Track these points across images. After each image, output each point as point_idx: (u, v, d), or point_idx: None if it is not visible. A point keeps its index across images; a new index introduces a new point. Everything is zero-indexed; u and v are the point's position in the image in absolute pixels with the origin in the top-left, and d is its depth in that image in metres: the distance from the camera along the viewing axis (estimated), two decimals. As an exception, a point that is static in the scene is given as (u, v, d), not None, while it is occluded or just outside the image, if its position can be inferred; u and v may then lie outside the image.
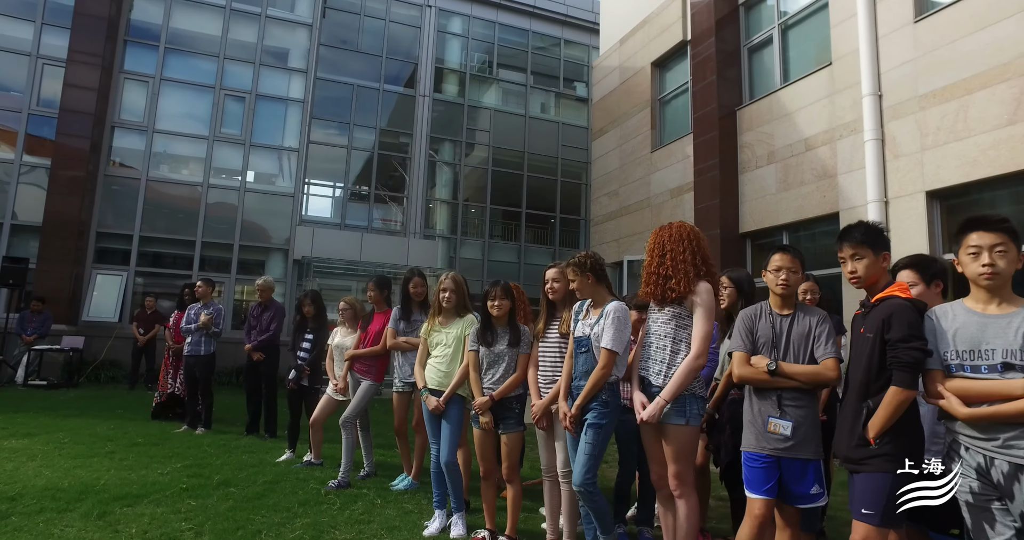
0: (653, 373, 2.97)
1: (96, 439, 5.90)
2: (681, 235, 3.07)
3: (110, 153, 12.28)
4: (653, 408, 2.86)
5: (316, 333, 5.51)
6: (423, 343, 4.04)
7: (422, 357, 4.03)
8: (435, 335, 3.96)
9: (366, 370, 4.88)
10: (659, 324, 3.01)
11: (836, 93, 8.17)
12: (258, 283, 6.59)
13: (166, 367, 7.33)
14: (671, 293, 2.96)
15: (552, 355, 3.51)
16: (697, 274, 2.98)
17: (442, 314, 3.96)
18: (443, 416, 3.79)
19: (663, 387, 2.90)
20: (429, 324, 4.01)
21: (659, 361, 2.97)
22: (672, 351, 2.95)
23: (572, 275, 3.26)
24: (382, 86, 15.78)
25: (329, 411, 5.17)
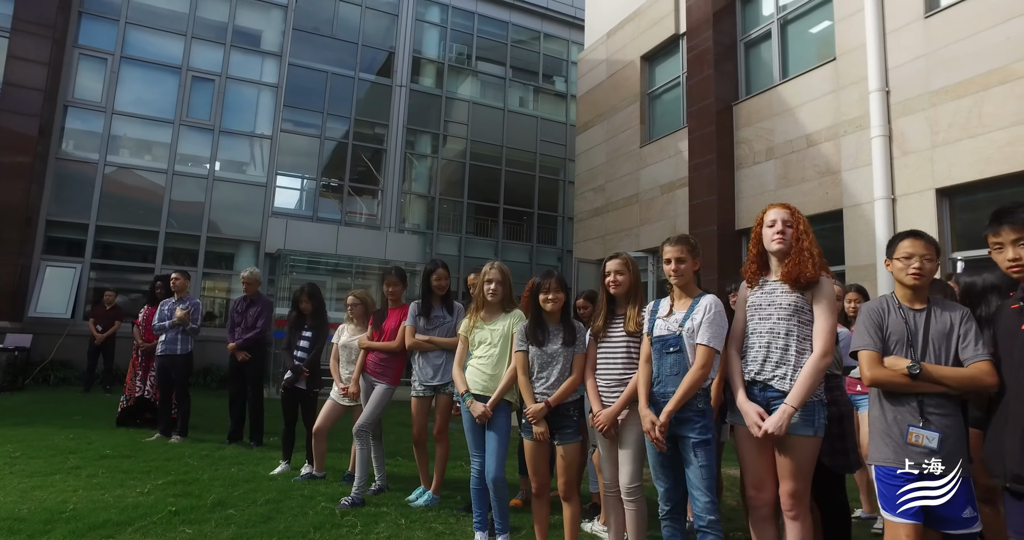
0: (775, 376, 2.54)
1: (54, 452, 5.11)
2: (804, 218, 2.71)
3: (63, 134, 11.15)
4: (780, 417, 2.43)
5: (315, 331, 4.89)
6: (463, 341, 3.51)
7: (461, 358, 3.50)
8: (478, 333, 3.44)
9: (381, 372, 4.31)
10: (775, 320, 2.59)
11: (840, 89, 7.99)
12: (243, 275, 5.89)
13: (133, 368, 6.53)
14: (805, 276, 2.55)
15: (616, 356, 3.04)
16: (822, 264, 2.61)
17: (485, 309, 3.45)
18: (488, 425, 3.28)
19: (784, 392, 2.49)
20: (471, 320, 3.49)
21: (777, 361, 2.54)
22: (797, 350, 2.53)
23: (682, 253, 2.80)
24: (357, 74, 15.02)
25: (335, 418, 4.58)
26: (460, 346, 3.52)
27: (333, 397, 4.59)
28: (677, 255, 2.81)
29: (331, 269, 12.61)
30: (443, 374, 4.16)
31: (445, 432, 4.21)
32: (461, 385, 3.39)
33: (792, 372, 2.52)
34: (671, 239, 2.90)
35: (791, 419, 2.44)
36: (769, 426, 2.44)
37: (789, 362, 2.54)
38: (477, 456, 3.35)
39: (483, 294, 3.43)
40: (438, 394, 4.19)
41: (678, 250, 2.82)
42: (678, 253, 2.82)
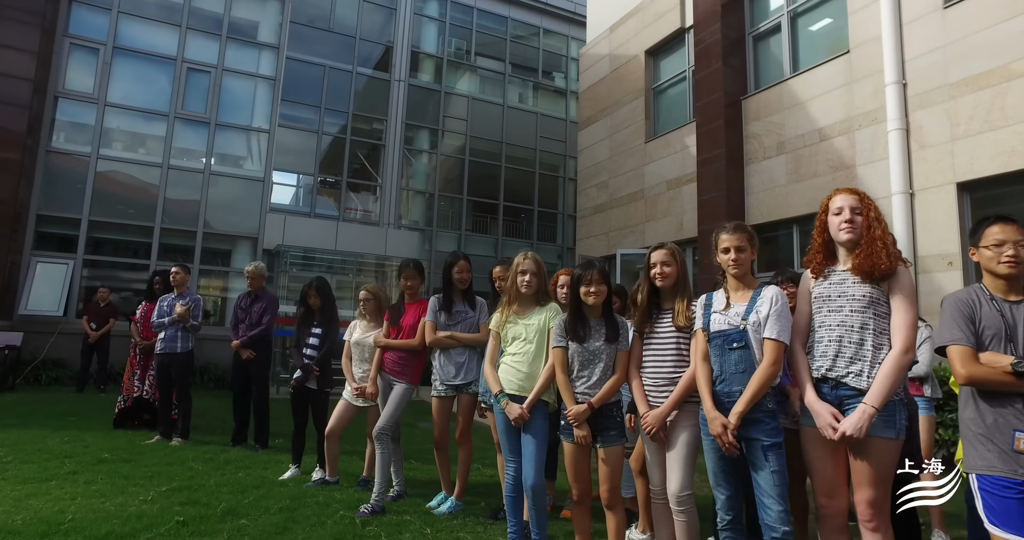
0: (849, 373, 2.32)
1: (49, 456, 4.81)
2: (875, 204, 2.48)
3: (53, 127, 10.76)
4: (860, 418, 2.20)
5: (324, 327, 4.62)
6: (494, 338, 3.27)
7: (493, 355, 3.25)
8: (511, 328, 3.19)
9: (400, 371, 4.05)
10: (847, 312, 2.37)
11: (854, 82, 7.81)
12: (248, 269, 5.61)
13: (131, 367, 6.22)
14: (880, 268, 2.33)
15: (665, 354, 2.81)
16: (896, 254, 2.38)
17: (518, 302, 3.20)
18: (524, 427, 3.04)
19: (860, 390, 2.27)
20: (502, 314, 3.24)
21: (851, 357, 2.32)
22: (874, 345, 2.31)
23: (741, 241, 2.58)
24: (355, 68, 14.69)
25: (348, 420, 4.31)
26: (491, 342, 3.27)
27: (346, 397, 4.33)
28: (737, 243, 2.59)
29: (331, 265, 12.30)
30: (466, 372, 3.92)
31: (468, 434, 3.96)
32: (495, 385, 3.14)
33: (869, 369, 2.30)
34: (727, 227, 2.67)
35: (871, 420, 2.22)
36: (847, 428, 2.22)
37: (865, 358, 2.32)
38: (512, 461, 3.11)
39: (516, 286, 3.18)
40: (460, 393, 3.94)
41: (737, 238, 2.59)
42: (737, 241, 2.59)
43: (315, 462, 4.58)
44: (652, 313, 2.88)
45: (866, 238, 2.43)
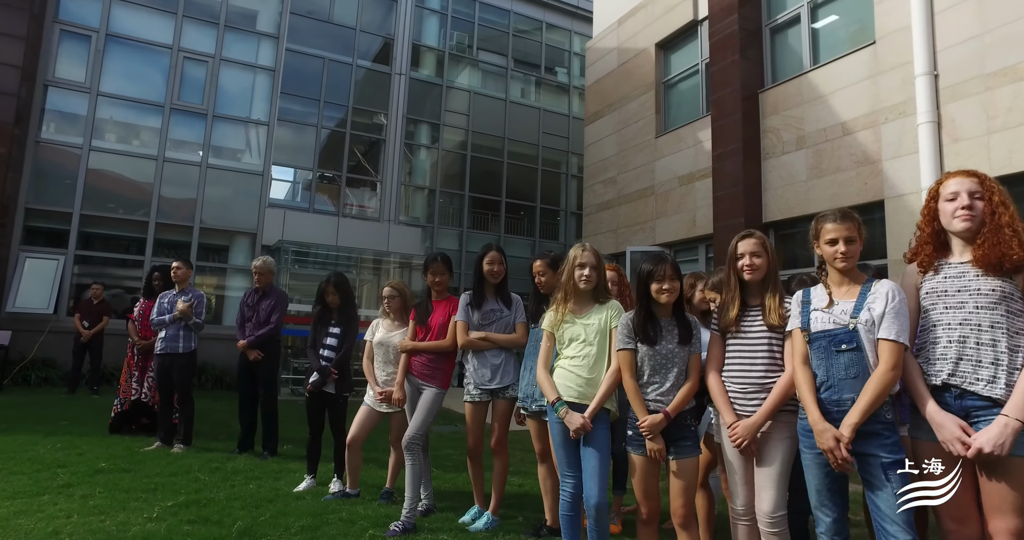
0: (979, 379, 1.99)
1: (40, 465, 4.40)
2: (1000, 187, 2.15)
3: (43, 117, 10.26)
4: (1001, 433, 1.87)
5: (343, 327, 4.24)
6: (547, 339, 2.92)
7: (547, 358, 2.90)
8: (568, 328, 2.84)
9: (429, 374, 3.69)
10: (970, 309, 2.04)
11: (880, 74, 7.51)
12: (256, 264, 5.21)
13: (129, 368, 5.81)
14: (1012, 259, 2.00)
15: (756, 356, 2.47)
16: None
17: (575, 299, 2.85)
18: (585, 439, 2.69)
19: (993, 399, 1.94)
20: (557, 313, 2.89)
21: (980, 361, 2.00)
22: (1009, 347, 1.98)
23: (851, 232, 2.24)
24: (355, 61, 14.27)
25: (371, 427, 3.95)
26: (545, 344, 2.92)
27: (368, 403, 3.96)
28: (847, 234, 2.25)
29: (333, 262, 11.89)
30: (502, 376, 3.57)
31: (504, 443, 3.61)
32: (551, 392, 2.79)
33: (1006, 375, 1.98)
34: (832, 215, 2.33)
35: (1016, 435, 1.89)
36: (985, 444, 1.89)
37: (1000, 362, 1.99)
38: (571, 476, 2.76)
39: (574, 281, 2.83)
40: (496, 399, 3.59)
41: (846, 228, 2.26)
42: (847, 231, 2.25)
43: (331, 472, 4.21)
44: (742, 309, 2.55)
45: (990, 226, 2.10)
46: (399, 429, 3.93)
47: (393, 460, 3.96)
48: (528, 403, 3.34)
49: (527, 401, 3.36)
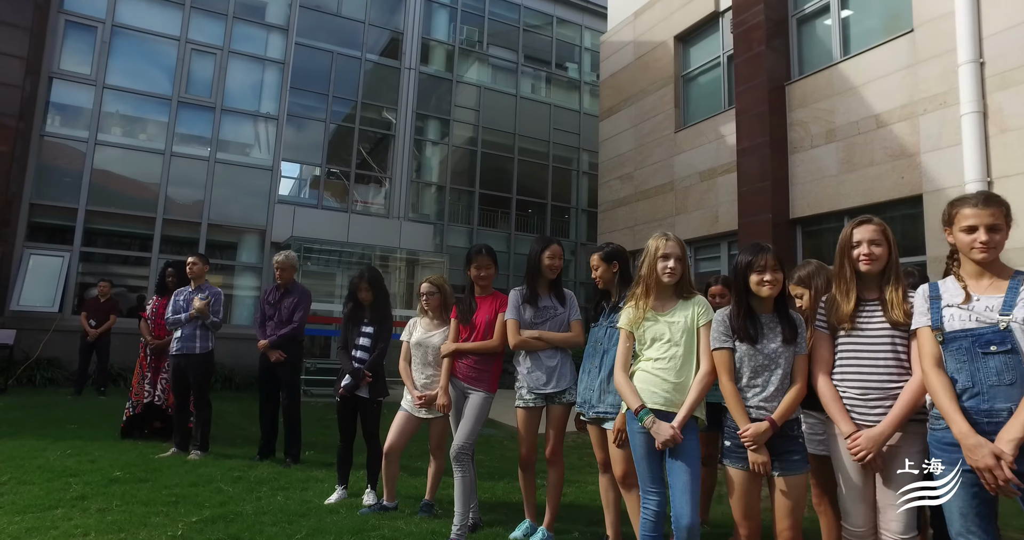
0: None
1: (51, 474, 4.08)
2: None
3: (47, 109, 9.92)
4: None
5: (377, 326, 3.92)
6: (626, 339, 2.60)
7: (627, 360, 2.58)
8: (650, 326, 2.52)
9: (476, 377, 3.37)
10: None
11: (919, 63, 7.20)
12: (278, 259, 4.88)
13: (141, 370, 5.48)
14: None
15: (878, 357, 2.16)
16: None
17: (656, 294, 2.53)
18: (675, 452, 2.37)
19: None
20: (636, 310, 2.57)
21: None
22: None
23: (996, 218, 1.93)
24: (364, 55, 13.92)
25: (409, 434, 3.63)
26: (623, 344, 2.60)
27: (405, 408, 3.64)
28: (989, 221, 1.94)
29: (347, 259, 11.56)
30: (558, 379, 3.25)
31: (560, 453, 3.30)
32: (633, 399, 2.47)
33: None
34: (973, 198, 2.02)
35: None
36: None
37: None
38: (655, 492, 2.44)
39: (656, 274, 2.51)
40: (551, 404, 3.27)
41: (989, 214, 1.95)
42: (990, 218, 1.94)
43: (362, 482, 3.89)
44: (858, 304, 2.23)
45: None
46: (440, 437, 3.62)
47: (433, 470, 3.65)
48: (585, 409, 3.03)
49: (584, 407, 3.05)
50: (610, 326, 3.04)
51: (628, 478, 2.89)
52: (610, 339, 3.01)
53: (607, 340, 3.03)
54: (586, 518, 3.57)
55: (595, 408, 2.96)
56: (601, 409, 2.93)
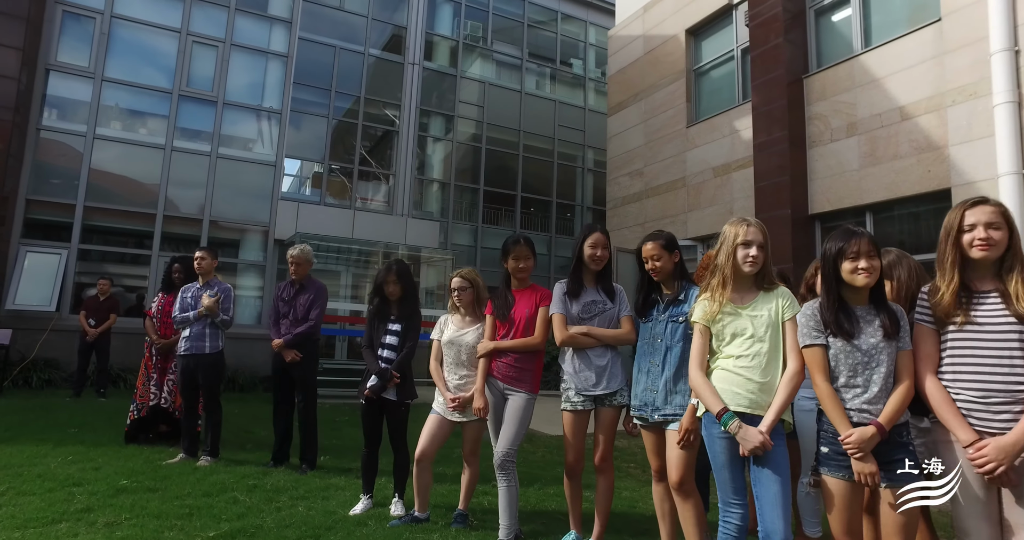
0: None
1: (53, 483, 3.77)
2: None
3: (44, 102, 9.58)
4: None
5: (405, 323, 3.64)
6: (701, 334, 2.33)
7: (703, 358, 2.31)
8: (729, 321, 2.26)
9: (516, 377, 3.09)
10: None
11: (947, 53, 6.97)
12: (292, 254, 4.59)
13: (146, 371, 5.18)
14: None
15: (1000, 355, 1.90)
16: None
17: (734, 285, 2.27)
18: (762, 460, 2.10)
19: None
20: (713, 303, 2.30)
21: None
22: None
23: None
24: (367, 50, 13.62)
25: (443, 439, 3.34)
26: (699, 341, 2.33)
27: (437, 410, 3.36)
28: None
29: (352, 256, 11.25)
30: (609, 379, 2.98)
31: (610, 459, 3.02)
32: (715, 401, 2.20)
33: None
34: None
35: None
36: None
37: None
38: (738, 503, 2.18)
39: (734, 263, 2.25)
40: (600, 406, 3.00)
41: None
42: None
43: (386, 490, 3.61)
44: (961, 296, 1.97)
45: None
46: (474, 442, 3.34)
47: (467, 477, 3.37)
48: (648, 412, 2.76)
49: (645, 409, 2.77)
50: (671, 321, 2.78)
51: (685, 485, 2.64)
52: (672, 335, 2.75)
53: (669, 336, 2.76)
54: (631, 528, 3.31)
55: (660, 410, 2.69)
56: (669, 411, 2.67)
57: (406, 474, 3.60)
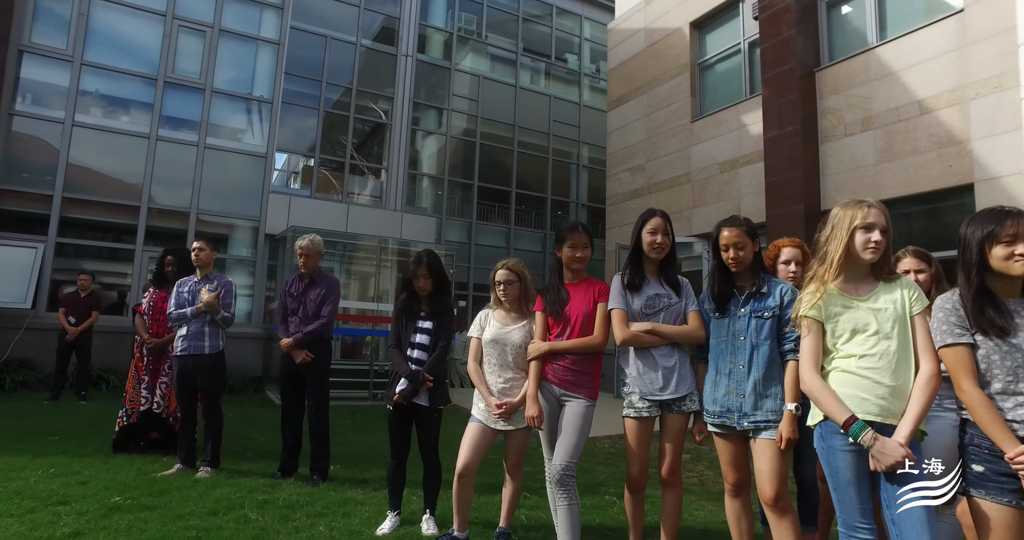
0: None
1: (34, 501, 3.31)
2: None
3: (16, 86, 8.95)
4: None
5: (437, 320, 3.26)
6: (812, 331, 1.99)
7: (816, 358, 1.98)
8: (845, 315, 1.94)
9: (575, 381, 2.74)
10: None
11: (970, 45, 6.79)
12: (301, 244, 4.17)
13: (136, 373, 4.70)
14: None
15: None
16: None
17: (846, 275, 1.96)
18: (899, 477, 1.78)
19: None
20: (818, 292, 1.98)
21: None
22: None
23: None
24: (359, 41, 13.15)
25: (485, 449, 2.97)
26: (812, 340, 1.99)
27: (479, 418, 2.99)
28: None
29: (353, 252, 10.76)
30: (678, 382, 2.65)
31: (679, 471, 2.69)
32: (840, 409, 1.86)
33: None
34: None
35: None
36: None
37: None
38: (866, 527, 1.85)
39: (850, 250, 1.94)
40: (668, 413, 2.67)
41: None
42: None
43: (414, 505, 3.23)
44: None
45: None
46: (519, 452, 2.98)
47: (511, 491, 3.01)
48: (734, 418, 2.43)
49: (729, 416, 2.45)
50: (755, 316, 2.46)
51: (781, 501, 2.34)
52: (759, 332, 2.44)
53: (754, 333, 2.44)
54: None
55: (750, 417, 2.37)
56: (759, 418, 2.35)
57: (438, 487, 3.23)
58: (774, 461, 2.34)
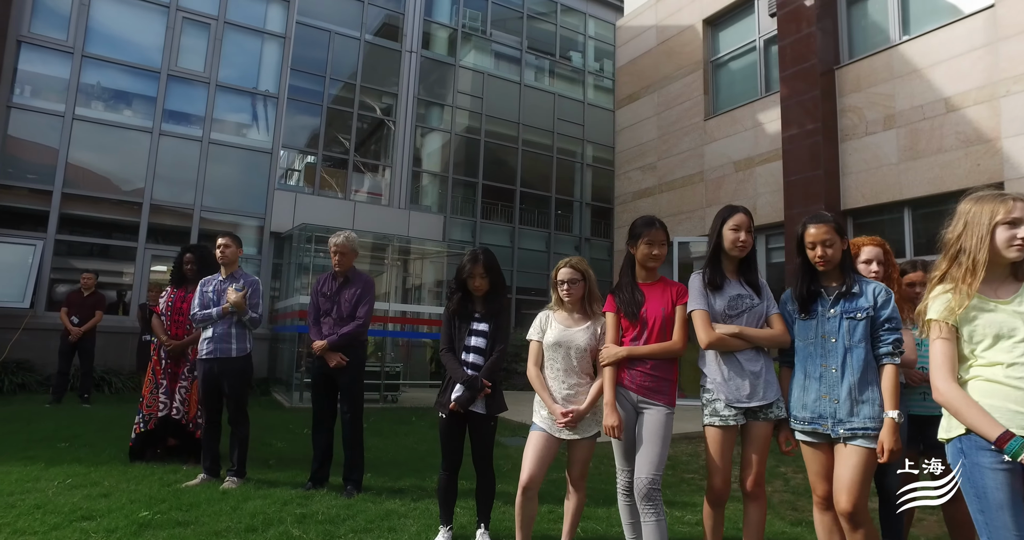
0: None
1: (56, 515, 3.06)
2: None
3: (15, 77, 8.62)
4: None
5: (493, 322, 3.05)
6: (947, 335, 1.81)
7: (953, 366, 1.80)
8: (987, 318, 1.75)
9: (654, 387, 2.54)
10: None
11: (1000, 41, 6.68)
12: (335, 242, 3.94)
13: (154, 377, 4.45)
14: None
15: None
16: None
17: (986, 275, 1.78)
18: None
19: None
20: (959, 294, 1.79)
21: None
22: None
23: None
24: (363, 36, 12.89)
25: (550, 461, 2.77)
26: (945, 346, 1.81)
27: (541, 427, 2.79)
28: None
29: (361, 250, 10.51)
30: (765, 388, 2.47)
31: (763, 483, 2.51)
32: (991, 424, 1.67)
33: None
34: None
35: None
36: None
37: None
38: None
39: (991, 248, 1.76)
40: (754, 420, 2.48)
41: None
42: None
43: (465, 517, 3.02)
44: None
45: None
46: (584, 463, 2.79)
47: (574, 505, 2.81)
48: (829, 425, 2.26)
49: (822, 423, 2.28)
50: (847, 317, 2.30)
51: (859, 514, 2.23)
52: (851, 334, 2.28)
53: (846, 335, 2.29)
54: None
55: (846, 424, 2.21)
56: (856, 424, 2.19)
57: (492, 499, 3.03)
58: (859, 470, 2.21)
